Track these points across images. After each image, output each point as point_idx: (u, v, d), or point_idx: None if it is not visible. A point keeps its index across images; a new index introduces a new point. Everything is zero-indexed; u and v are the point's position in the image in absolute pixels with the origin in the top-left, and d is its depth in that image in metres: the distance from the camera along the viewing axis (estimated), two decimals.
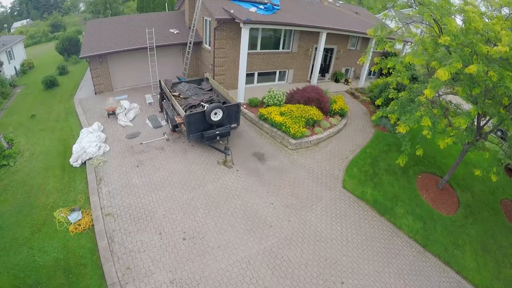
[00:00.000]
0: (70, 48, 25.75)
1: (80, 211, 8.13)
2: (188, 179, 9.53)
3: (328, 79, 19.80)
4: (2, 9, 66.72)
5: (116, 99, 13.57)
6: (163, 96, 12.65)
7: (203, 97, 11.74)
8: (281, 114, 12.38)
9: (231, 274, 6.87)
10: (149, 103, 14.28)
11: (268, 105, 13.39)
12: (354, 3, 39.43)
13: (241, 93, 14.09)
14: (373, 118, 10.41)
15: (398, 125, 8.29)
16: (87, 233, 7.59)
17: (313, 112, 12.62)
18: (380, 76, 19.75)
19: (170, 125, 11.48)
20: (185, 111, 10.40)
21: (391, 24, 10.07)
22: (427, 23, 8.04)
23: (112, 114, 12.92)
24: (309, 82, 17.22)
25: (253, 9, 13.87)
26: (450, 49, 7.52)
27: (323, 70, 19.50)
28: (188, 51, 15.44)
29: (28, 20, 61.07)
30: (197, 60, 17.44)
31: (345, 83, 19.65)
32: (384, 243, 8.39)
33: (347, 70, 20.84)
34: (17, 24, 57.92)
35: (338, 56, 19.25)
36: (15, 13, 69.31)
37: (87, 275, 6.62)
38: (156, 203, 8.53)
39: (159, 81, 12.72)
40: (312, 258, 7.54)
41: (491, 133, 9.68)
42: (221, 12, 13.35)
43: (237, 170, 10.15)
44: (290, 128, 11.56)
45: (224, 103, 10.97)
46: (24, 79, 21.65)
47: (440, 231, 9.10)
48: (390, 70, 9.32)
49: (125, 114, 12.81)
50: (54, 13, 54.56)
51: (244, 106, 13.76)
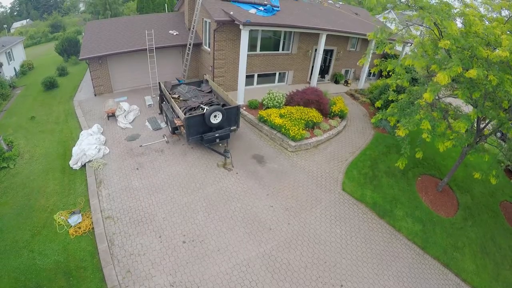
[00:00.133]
0: (70, 49, 25.79)
1: (80, 214, 8.15)
2: (188, 182, 9.55)
3: (328, 81, 19.83)
4: (2, 9, 66.97)
5: (116, 101, 13.58)
6: (163, 98, 12.64)
7: (203, 99, 11.75)
8: (281, 116, 12.39)
9: (231, 277, 6.88)
10: (149, 105, 14.27)
11: (268, 107, 13.39)
12: (354, 4, 39.42)
13: (241, 95, 14.09)
14: (373, 121, 10.40)
15: (398, 128, 8.29)
16: (87, 236, 7.60)
17: (313, 114, 12.63)
18: (380, 77, 19.74)
19: (170, 127, 11.50)
20: (185, 114, 10.41)
21: (391, 26, 10.07)
22: (428, 26, 8.05)
23: (112, 116, 12.92)
24: (309, 84, 17.22)
25: (253, 11, 13.86)
26: (450, 52, 7.52)
27: (323, 72, 19.52)
28: (188, 53, 15.45)
29: (28, 20, 61.13)
30: (197, 62, 17.45)
31: (345, 84, 19.68)
32: (383, 246, 8.41)
33: (347, 71, 20.86)
34: (17, 24, 57.98)
35: (338, 58, 19.27)
36: (15, 13, 69.42)
37: (88, 278, 6.65)
38: (156, 206, 8.54)
39: (159, 83, 12.71)
40: (312, 261, 7.56)
41: (491, 135, 9.68)
42: (221, 14, 13.35)
43: (237, 173, 10.17)
44: (290, 130, 11.57)
45: (224, 106, 10.96)
46: (24, 80, 21.64)
47: (440, 234, 9.12)
48: (390, 72, 9.33)
49: (125, 116, 12.80)
50: (54, 14, 54.63)
51: (244, 108, 13.76)
